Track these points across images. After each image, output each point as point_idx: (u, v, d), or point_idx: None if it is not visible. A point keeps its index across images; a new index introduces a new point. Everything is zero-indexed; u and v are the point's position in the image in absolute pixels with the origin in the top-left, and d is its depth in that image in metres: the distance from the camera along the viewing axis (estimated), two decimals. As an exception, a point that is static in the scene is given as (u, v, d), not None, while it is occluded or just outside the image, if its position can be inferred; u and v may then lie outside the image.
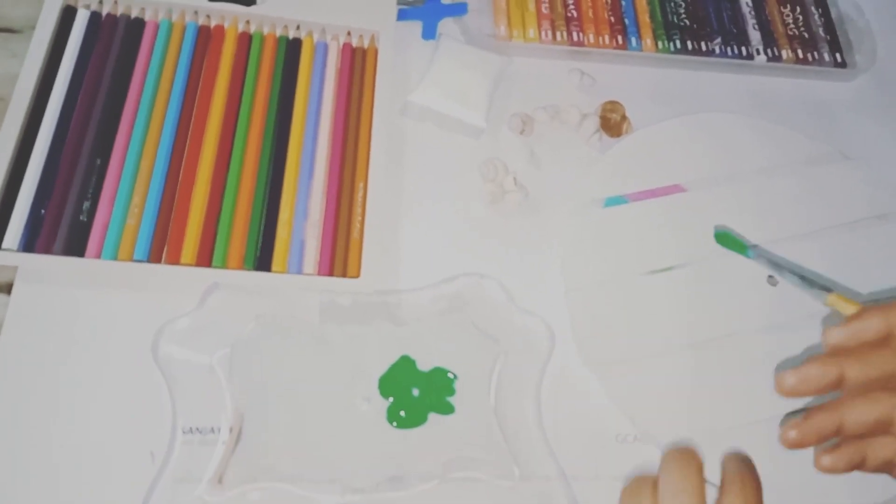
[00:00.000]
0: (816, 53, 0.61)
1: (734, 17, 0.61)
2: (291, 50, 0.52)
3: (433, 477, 0.43)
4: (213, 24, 0.52)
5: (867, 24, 0.64)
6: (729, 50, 0.60)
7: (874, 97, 0.62)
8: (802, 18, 0.63)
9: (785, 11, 0.63)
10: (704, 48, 0.59)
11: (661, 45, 0.59)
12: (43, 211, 0.45)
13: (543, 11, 0.58)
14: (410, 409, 0.44)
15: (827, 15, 0.64)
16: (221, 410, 0.42)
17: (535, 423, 0.45)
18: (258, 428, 0.43)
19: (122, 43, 0.50)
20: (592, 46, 0.58)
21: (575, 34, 0.58)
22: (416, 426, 0.44)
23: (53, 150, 0.46)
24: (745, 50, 0.60)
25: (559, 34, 0.57)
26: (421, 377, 0.45)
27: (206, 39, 0.51)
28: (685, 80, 0.60)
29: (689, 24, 0.60)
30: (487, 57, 0.56)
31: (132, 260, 0.45)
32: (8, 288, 0.45)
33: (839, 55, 0.62)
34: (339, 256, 0.47)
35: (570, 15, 0.58)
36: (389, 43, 0.53)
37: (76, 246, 0.44)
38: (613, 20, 0.59)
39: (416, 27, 0.58)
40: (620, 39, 0.58)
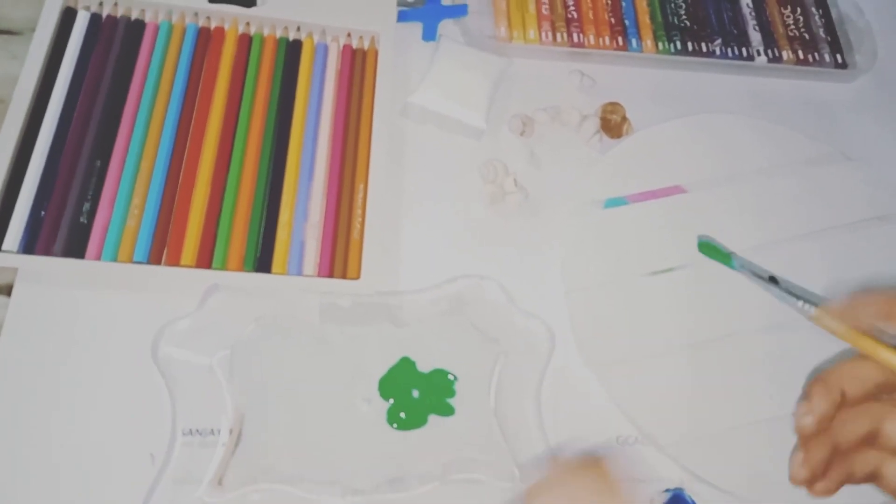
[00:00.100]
0: (817, 54, 0.61)
1: (735, 18, 0.61)
2: (291, 51, 0.52)
3: (433, 478, 0.43)
4: (213, 25, 0.52)
5: (867, 24, 0.64)
6: (729, 51, 0.60)
7: (875, 98, 0.62)
8: (803, 19, 0.63)
9: (785, 12, 0.63)
10: (705, 49, 0.59)
11: (661, 46, 0.59)
12: (43, 212, 0.45)
13: (544, 13, 0.58)
14: (410, 410, 0.44)
15: (827, 16, 0.64)
16: (221, 412, 0.42)
17: (535, 424, 0.45)
18: (258, 429, 0.42)
19: (122, 44, 0.50)
20: (593, 48, 0.58)
21: (575, 35, 0.58)
22: (416, 427, 0.44)
23: (53, 151, 0.46)
24: (745, 51, 0.60)
25: (559, 35, 0.57)
26: (421, 378, 0.45)
27: (206, 41, 0.51)
28: (686, 81, 0.60)
29: (689, 25, 0.60)
30: (488, 58, 0.56)
31: (132, 261, 0.44)
32: (8, 289, 0.45)
33: (840, 56, 0.62)
34: (339, 258, 0.47)
35: (570, 16, 0.58)
36: (389, 44, 0.53)
37: (76, 247, 0.44)
38: (614, 21, 0.59)
39: (416, 28, 0.58)
40: (621, 40, 0.58)
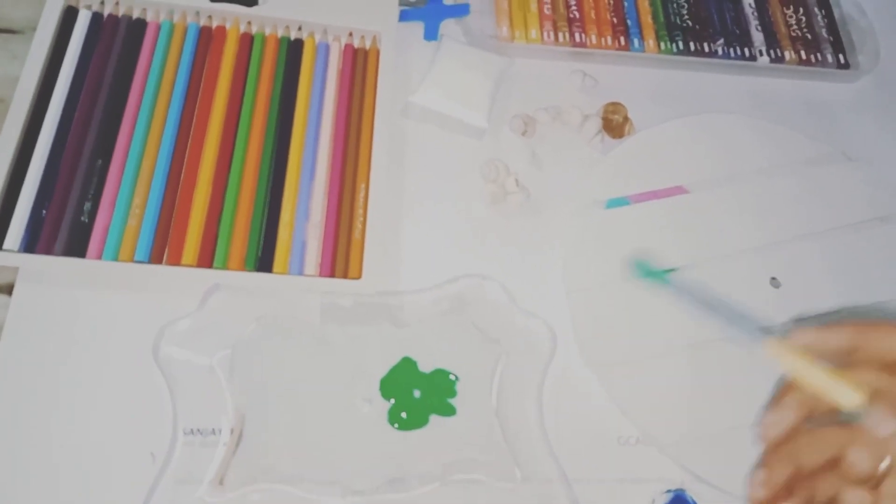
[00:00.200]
0: (819, 55, 0.61)
1: (737, 18, 0.61)
2: (293, 51, 0.52)
3: (434, 479, 0.43)
4: (214, 24, 0.52)
5: (870, 25, 0.63)
6: (732, 51, 0.60)
7: (877, 98, 0.62)
8: (805, 19, 0.62)
9: (788, 12, 0.63)
10: (707, 49, 0.59)
11: (663, 46, 0.59)
12: (44, 212, 0.44)
13: (545, 12, 0.58)
14: (412, 410, 0.44)
15: (830, 16, 0.63)
16: (222, 412, 0.42)
17: (536, 424, 0.45)
18: (259, 429, 0.42)
19: (123, 44, 0.50)
20: (595, 48, 0.58)
21: (577, 35, 0.58)
22: (417, 428, 0.44)
23: (54, 151, 0.46)
24: (747, 51, 0.60)
25: (561, 35, 0.57)
26: (422, 378, 0.45)
27: (207, 40, 0.51)
28: (688, 81, 0.60)
29: (691, 25, 0.60)
30: (489, 58, 0.56)
31: (133, 261, 0.44)
32: (9, 289, 0.45)
33: (842, 56, 0.62)
34: (340, 258, 0.47)
35: (572, 16, 0.58)
36: (391, 44, 0.53)
37: (77, 247, 0.44)
38: (616, 21, 0.59)
39: (417, 28, 0.57)
40: (623, 40, 0.58)
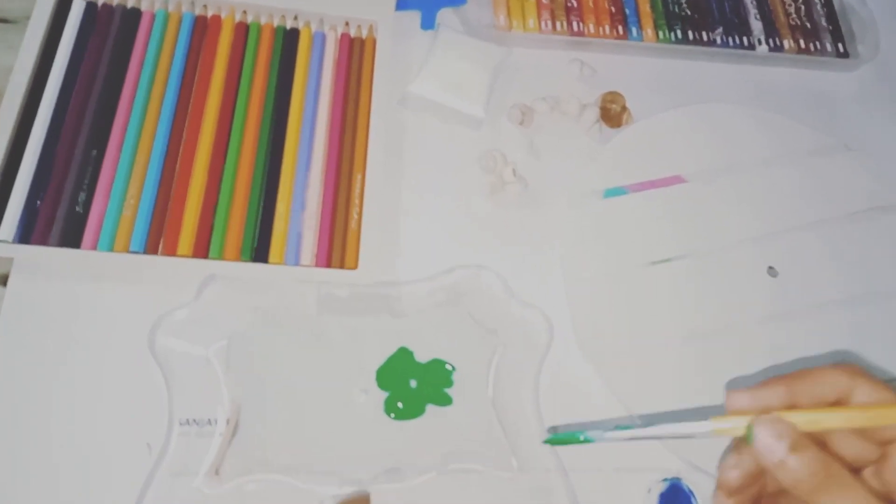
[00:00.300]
0: (818, 43, 0.61)
1: (736, 6, 0.61)
2: (289, 40, 0.52)
3: (431, 469, 0.43)
4: (209, 14, 0.52)
5: (870, 14, 0.63)
6: (730, 40, 0.59)
7: (876, 87, 0.62)
8: (805, 8, 0.62)
9: (787, 1, 0.62)
10: (706, 38, 0.59)
11: (661, 34, 0.58)
12: (39, 202, 0.44)
13: (543, 1, 0.57)
14: (408, 400, 0.44)
15: (829, 5, 0.63)
16: (218, 402, 0.42)
17: (533, 414, 0.45)
18: (255, 420, 0.42)
19: (118, 33, 0.49)
20: (593, 36, 0.57)
21: (575, 24, 0.57)
22: (413, 418, 0.44)
23: (49, 141, 0.46)
24: (746, 40, 0.60)
25: (559, 24, 0.57)
26: (419, 369, 0.45)
27: (202, 30, 0.51)
28: (686, 70, 0.59)
29: (690, 13, 0.60)
30: (487, 47, 0.55)
31: (129, 251, 0.44)
32: (4, 279, 0.44)
33: (841, 45, 0.61)
34: (336, 248, 0.46)
35: (570, 5, 0.58)
36: (388, 33, 0.53)
37: (72, 237, 0.44)
38: (614, 10, 0.58)
39: (414, 17, 0.57)
40: (621, 29, 0.58)
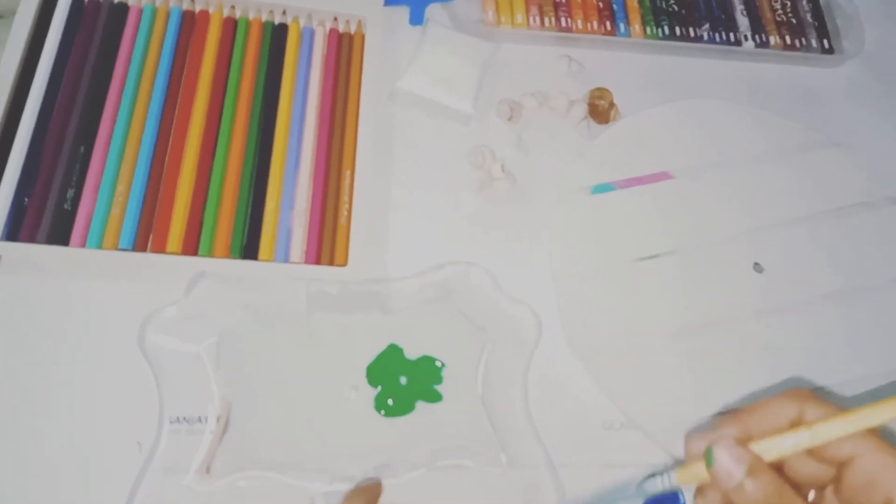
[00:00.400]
0: (804, 39, 0.61)
1: (722, 2, 0.61)
2: (277, 36, 0.52)
3: (421, 465, 0.43)
4: (197, 9, 0.51)
5: (855, 10, 0.64)
6: (717, 36, 0.60)
7: (862, 83, 0.62)
8: (790, 4, 0.62)
9: (773, -3, 0.63)
10: (693, 34, 0.59)
11: (649, 30, 0.58)
12: (27, 199, 0.44)
13: (531, -3, 0.58)
14: (398, 397, 0.44)
15: (815, 1, 0.63)
16: (208, 399, 0.42)
17: (522, 410, 0.45)
18: (245, 417, 0.42)
19: (105, 28, 0.49)
20: (581, 32, 0.57)
21: (563, 20, 0.57)
22: (403, 414, 0.44)
23: (36, 137, 0.45)
24: (733, 36, 0.60)
25: (547, 20, 0.57)
26: (408, 365, 0.45)
27: (190, 25, 0.51)
28: (673, 66, 0.60)
29: (677, 9, 0.60)
30: (475, 43, 0.55)
31: (117, 248, 0.44)
32: (-9, 277, 0.44)
33: (827, 41, 0.62)
34: (326, 245, 0.47)
35: (558, 0, 0.58)
36: (377, 29, 0.53)
37: (60, 234, 0.44)
38: (602, 6, 0.58)
39: (403, 12, 0.57)
40: (609, 25, 0.58)
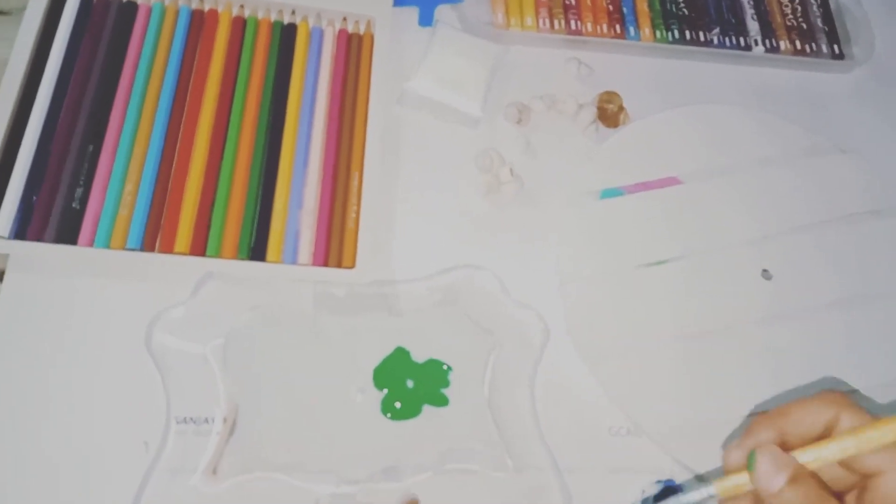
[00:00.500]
0: (814, 45, 0.61)
1: (733, 6, 0.61)
2: (286, 35, 0.52)
3: (427, 468, 0.43)
4: (206, 8, 0.51)
5: (865, 15, 0.63)
6: (727, 40, 0.59)
7: (872, 89, 0.62)
8: (801, 9, 0.62)
9: (783, 2, 0.62)
10: (703, 38, 0.59)
11: (659, 34, 0.58)
12: (34, 198, 0.44)
13: (541, -1, 0.57)
14: (405, 400, 0.44)
15: (825, 6, 0.63)
16: (215, 400, 0.42)
17: (528, 415, 0.45)
18: (252, 418, 0.42)
19: (114, 27, 0.49)
20: (590, 35, 0.57)
21: (573, 23, 0.57)
22: (410, 418, 0.44)
23: (45, 136, 0.45)
24: (743, 40, 0.60)
25: (557, 22, 0.57)
26: (415, 369, 0.45)
27: (199, 24, 0.51)
28: (683, 70, 0.59)
29: (687, 13, 0.60)
30: (484, 45, 0.55)
31: (125, 248, 0.44)
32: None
33: (837, 47, 0.61)
34: (333, 247, 0.46)
35: (567, 3, 0.58)
36: (386, 29, 0.53)
37: (68, 233, 0.44)
38: (612, 9, 0.58)
39: (412, 13, 0.57)
40: (619, 28, 0.58)
